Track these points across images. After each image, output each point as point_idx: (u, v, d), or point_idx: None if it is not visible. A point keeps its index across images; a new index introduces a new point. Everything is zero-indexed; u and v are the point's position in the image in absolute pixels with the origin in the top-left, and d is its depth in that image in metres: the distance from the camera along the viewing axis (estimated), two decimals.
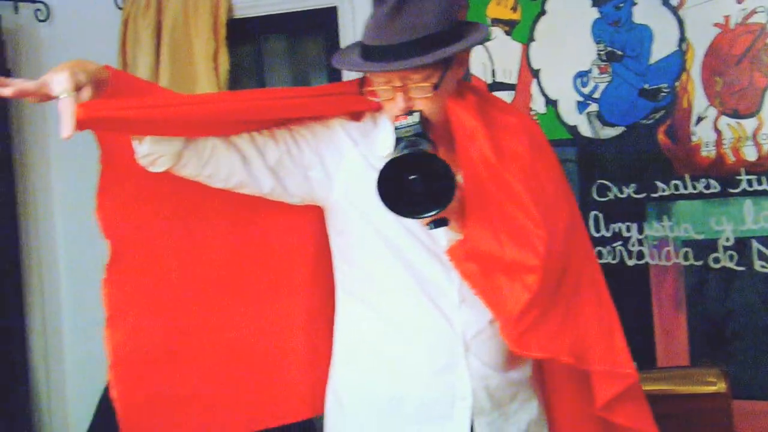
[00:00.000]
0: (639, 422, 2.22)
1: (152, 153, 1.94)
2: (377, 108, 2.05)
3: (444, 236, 1.98)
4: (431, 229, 1.93)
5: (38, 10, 3.89)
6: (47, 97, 1.79)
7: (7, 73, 3.70)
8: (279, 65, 3.98)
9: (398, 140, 1.89)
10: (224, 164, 1.99)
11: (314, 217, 2.20)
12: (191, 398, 2.27)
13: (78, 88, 1.75)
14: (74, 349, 4.03)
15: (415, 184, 1.84)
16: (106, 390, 3.17)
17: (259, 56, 3.91)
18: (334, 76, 3.50)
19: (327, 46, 3.58)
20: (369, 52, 1.92)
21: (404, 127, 1.88)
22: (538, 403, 2.18)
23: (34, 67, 3.91)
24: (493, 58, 3.36)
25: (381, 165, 1.82)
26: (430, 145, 1.87)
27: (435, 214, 1.85)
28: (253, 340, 2.30)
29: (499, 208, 1.99)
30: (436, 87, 1.87)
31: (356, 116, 2.13)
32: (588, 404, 2.17)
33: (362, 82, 2.02)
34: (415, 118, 1.88)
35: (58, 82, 1.74)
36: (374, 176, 1.80)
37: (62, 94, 1.74)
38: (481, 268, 1.99)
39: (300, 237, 2.29)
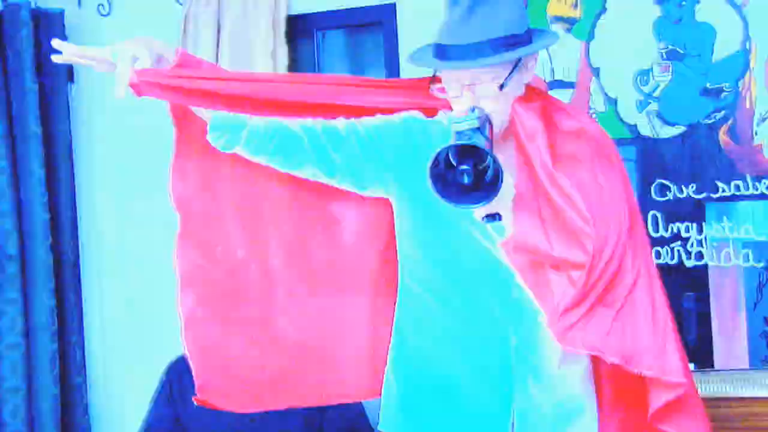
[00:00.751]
0: None
1: (219, 126, 2.04)
2: (449, 106, 2.07)
3: (498, 235, 2.00)
4: (485, 223, 1.97)
5: (101, 4, 3.89)
6: (108, 65, 1.96)
7: (69, 66, 3.76)
8: (337, 62, 3.96)
9: (455, 133, 1.91)
10: (288, 143, 2.05)
11: (383, 207, 2.24)
12: (260, 367, 2.33)
13: (136, 59, 1.91)
14: (129, 343, 4.03)
15: (465, 176, 1.88)
16: (161, 384, 3.33)
17: (317, 53, 3.87)
18: (392, 73, 3.51)
19: (385, 43, 3.57)
20: (441, 51, 1.97)
21: (462, 121, 1.91)
22: (590, 414, 2.19)
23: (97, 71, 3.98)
24: (552, 56, 3.33)
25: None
26: (485, 140, 1.90)
27: (481, 206, 1.89)
28: (318, 319, 2.35)
29: (552, 207, 2.01)
30: (501, 87, 1.91)
31: (430, 113, 2.17)
32: (641, 416, 2.19)
33: (432, 80, 2.05)
34: (474, 114, 1.92)
35: (118, 50, 1.91)
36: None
37: (118, 61, 1.91)
38: (531, 262, 2.01)
39: (369, 227, 2.33)
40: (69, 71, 3.87)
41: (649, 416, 2.14)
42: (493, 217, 1.97)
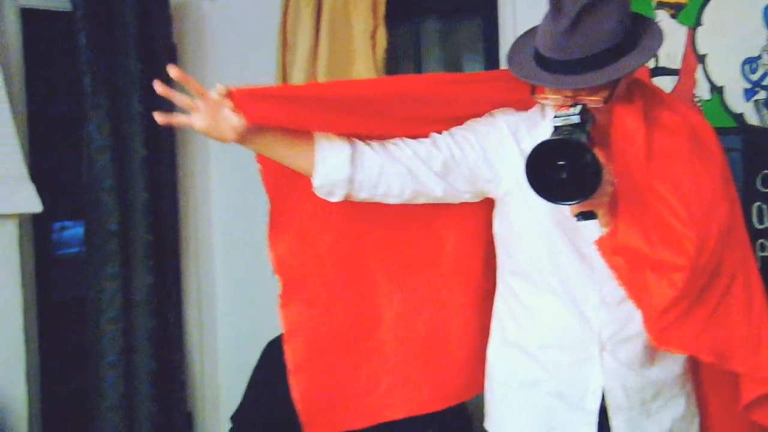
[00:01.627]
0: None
1: (325, 184, 2.08)
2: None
3: (591, 234, 2.02)
4: (579, 220, 1.98)
5: None
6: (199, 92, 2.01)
7: (173, 48, 3.91)
8: (434, 46, 4.01)
9: (555, 128, 1.93)
10: (395, 180, 2.09)
11: (483, 211, 2.29)
12: (366, 383, 2.41)
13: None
14: (226, 322, 4.15)
15: (563, 172, 1.89)
16: (258, 364, 3.42)
17: (416, 37, 3.92)
18: (490, 59, 3.54)
19: (484, 29, 3.58)
20: (543, 61, 1.98)
21: (563, 116, 1.92)
22: (686, 401, 2.21)
23: (197, 42, 4.07)
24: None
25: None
26: (585, 137, 1.91)
27: (577, 202, 1.90)
28: (424, 331, 2.41)
29: (651, 208, 2.02)
30: (606, 101, 1.93)
31: (525, 105, 2.18)
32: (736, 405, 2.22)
33: (533, 89, 2.07)
34: (576, 109, 1.92)
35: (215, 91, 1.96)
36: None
37: (212, 91, 1.95)
38: (628, 263, 2.01)
39: (470, 234, 2.38)
40: (172, 52, 3.91)
41: (742, 406, 2.17)
42: (588, 215, 1.98)
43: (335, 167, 2.09)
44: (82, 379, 3.74)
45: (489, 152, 2.15)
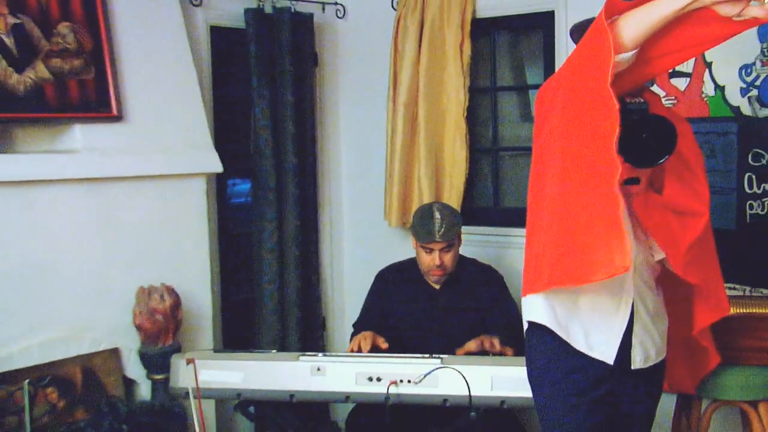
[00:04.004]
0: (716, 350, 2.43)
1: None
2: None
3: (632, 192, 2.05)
4: (626, 185, 1.99)
5: (338, 9, 4.08)
6: None
7: (315, 54, 3.99)
8: (505, 54, 3.98)
9: (630, 112, 1.93)
10: None
11: None
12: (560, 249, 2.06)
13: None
14: (349, 254, 4.26)
15: (651, 140, 1.91)
16: (373, 284, 3.42)
17: (492, 47, 3.89)
18: (549, 65, 3.54)
19: (543, 42, 3.56)
20: None
21: (636, 104, 1.96)
22: (667, 319, 2.27)
23: (332, 50, 4.15)
24: None
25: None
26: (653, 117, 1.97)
27: (665, 160, 1.91)
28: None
29: (684, 171, 2.11)
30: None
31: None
32: (687, 328, 2.34)
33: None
34: (641, 98, 1.98)
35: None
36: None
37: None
38: (658, 215, 2.06)
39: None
40: (314, 58, 3.98)
41: (695, 331, 2.32)
42: (634, 180, 2.00)
43: None
44: (249, 291, 3.86)
45: None
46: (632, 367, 2.15)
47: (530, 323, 2.22)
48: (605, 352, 2.12)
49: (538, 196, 2.09)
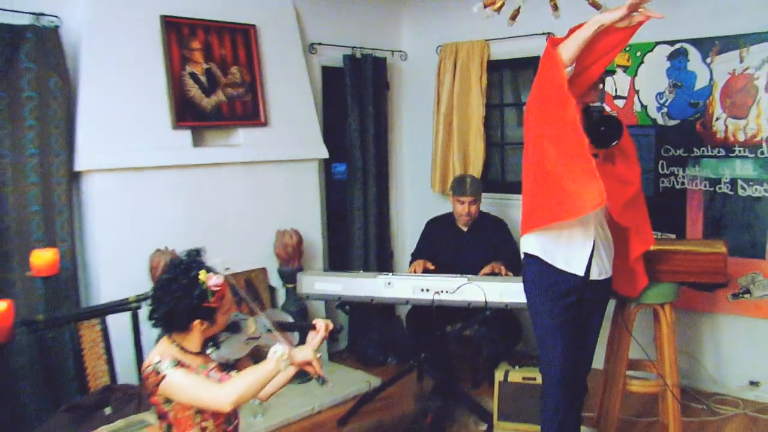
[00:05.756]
0: (645, 272, 2.54)
1: None
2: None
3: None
4: (596, 156, 2.08)
5: (401, 54, 4.45)
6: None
7: (387, 84, 4.29)
8: (509, 83, 4.24)
9: (593, 112, 2.10)
10: None
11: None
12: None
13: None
14: (409, 210, 4.45)
15: (608, 130, 2.08)
16: (423, 231, 3.56)
17: (500, 79, 4.19)
18: None
19: (534, 76, 2.31)
20: None
21: (597, 107, 2.16)
22: (613, 248, 2.38)
23: (399, 81, 4.45)
24: (616, 84, 3.64)
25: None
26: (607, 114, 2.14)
27: (616, 143, 2.10)
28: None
29: (626, 152, 2.28)
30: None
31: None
32: (626, 257, 2.46)
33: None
34: (600, 103, 2.22)
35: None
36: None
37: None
38: (606, 179, 2.08)
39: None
40: (387, 85, 4.25)
41: (630, 260, 2.46)
42: (594, 156, 2.08)
43: None
44: (345, 233, 4.19)
45: None
46: (590, 278, 2.25)
47: (526, 254, 2.31)
48: (578, 267, 2.23)
49: (528, 169, 2.24)
